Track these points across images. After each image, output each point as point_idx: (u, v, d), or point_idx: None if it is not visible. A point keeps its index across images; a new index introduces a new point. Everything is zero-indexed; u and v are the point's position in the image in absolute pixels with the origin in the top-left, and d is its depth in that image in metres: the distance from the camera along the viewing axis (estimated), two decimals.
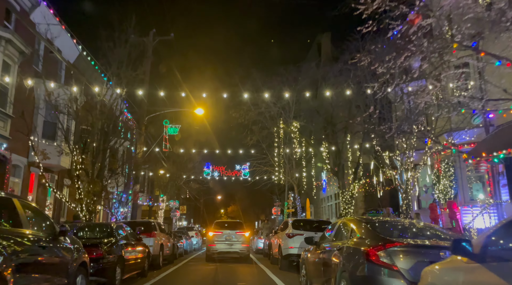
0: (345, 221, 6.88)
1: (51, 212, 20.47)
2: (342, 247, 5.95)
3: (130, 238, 10.73)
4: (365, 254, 5.14)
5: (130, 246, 10.16)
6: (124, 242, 9.91)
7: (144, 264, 11.54)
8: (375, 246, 5.10)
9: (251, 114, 15.81)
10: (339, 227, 6.91)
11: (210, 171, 32.72)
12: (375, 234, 5.52)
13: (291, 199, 30.91)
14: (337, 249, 6.10)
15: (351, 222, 6.42)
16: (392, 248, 4.95)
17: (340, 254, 5.93)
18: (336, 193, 29.34)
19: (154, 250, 14.07)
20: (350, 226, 6.34)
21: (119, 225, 10.27)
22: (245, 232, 17.51)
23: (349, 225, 6.44)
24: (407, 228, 6.02)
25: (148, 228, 14.51)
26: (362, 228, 5.87)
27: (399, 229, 5.90)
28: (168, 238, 16.79)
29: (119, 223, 10.89)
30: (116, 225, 9.98)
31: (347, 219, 6.87)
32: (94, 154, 14.18)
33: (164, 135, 22.48)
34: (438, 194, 15.46)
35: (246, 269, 14.66)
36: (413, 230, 5.95)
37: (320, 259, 6.92)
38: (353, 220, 6.43)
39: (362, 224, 6.00)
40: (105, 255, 8.43)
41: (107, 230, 9.52)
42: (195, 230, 31.50)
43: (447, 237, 5.50)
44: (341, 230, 6.79)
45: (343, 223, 6.86)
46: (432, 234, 5.67)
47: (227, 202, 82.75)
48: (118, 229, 9.97)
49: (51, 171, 19.54)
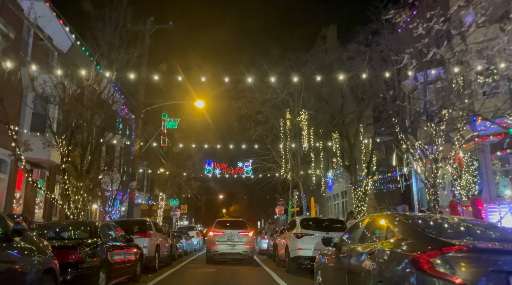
0: (375, 218, 5.57)
1: (41, 211, 19.27)
2: (375, 251, 4.65)
3: (119, 238, 9.46)
4: (413, 261, 3.84)
5: (118, 248, 8.89)
6: (111, 243, 8.64)
7: (136, 268, 10.26)
8: (428, 251, 3.80)
9: (255, 104, 14.51)
10: (367, 225, 5.61)
11: (211, 168, 31.42)
12: (424, 234, 4.22)
13: (295, 197, 29.61)
14: (368, 253, 4.81)
15: (385, 218, 5.11)
16: (451, 253, 3.66)
17: (373, 259, 4.63)
18: (343, 191, 28.04)
19: (149, 252, 12.81)
20: (383, 224, 5.04)
21: (105, 224, 8.99)
22: (248, 232, 16.22)
23: (382, 223, 5.15)
24: (465, 227, 4.68)
25: (142, 227, 13.26)
26: (404, 226, 4.57)
27: (454, 228, 4.59)
28: (165, 238, 15.52)
29: (105, 222, 9.61)
30: (102, 223, 8.70)
31: (377, 215, 5.54)
32: (83, 146, 12.90)
33: (162, 130, 21.22)
34: (460, 190, 14.12)
35: (250, 272, 13.39)
36: (474, 229, 4.62)
37: (343, 265, 5.62)
38: (387, 216, 5.11)
39: (403, 221, 4.70)
40: (86, 258, 7.16)
41: (90, 230, 8.24)
42: (195, 230, 30.22)
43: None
44: (370, 229, 5.49)
45: (372, 220, 5.56)
46: (501, 235, 4.35)
47: (229, 201, 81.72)
48: (104, 228, 8.69)
49: (41, 166, 18.30)
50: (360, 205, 13.56)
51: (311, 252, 11.96)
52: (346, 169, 14.40)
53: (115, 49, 12.80)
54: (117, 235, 9.27)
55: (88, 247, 7.49)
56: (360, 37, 12.40)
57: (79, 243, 7.28)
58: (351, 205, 26.44)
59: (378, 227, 5.25)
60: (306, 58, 13.48)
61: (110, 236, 8.92)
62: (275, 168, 26.64)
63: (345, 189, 27.19)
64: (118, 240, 9.22)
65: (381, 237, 4.93)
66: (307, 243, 12.04)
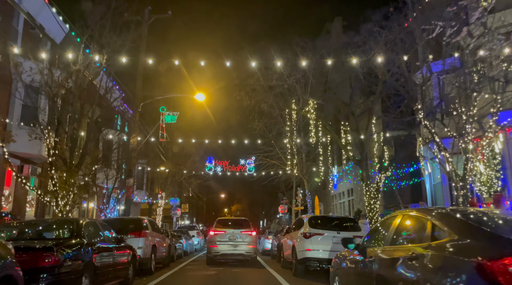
0: (411, 214, 4.50)
1: (33, 210, 18.28)
2: (419, 255, 3.62)
3: (108, 238, 8.45)
4: (481, 269, 2.82)
5: (106, 249, 7.88)
6: (98, 244, 7.63)
7: (128, 271, 9.26)
8: (504, 256, 2.77)
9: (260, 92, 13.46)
10: (400, 223, 4.57)
11: (212, 165, 30.40)
12: (493, 234, 3.20)
13: (299, 195, 28.57)
14: (409, 258, 3.78)
15: (428, 214, 4.06)
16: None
17: (416, 265, 3.61)
18: (349, 189, 26.99)
19: (144, 253, 11.82)
20: (426, 222, 3.99)
21: (90, 223, 7.97)
22: (251, 231, 15.20)
23: (423, 220, 4.10)
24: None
25: (137, 227, 12.25)
26: (461, 223, 3.53)
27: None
28: (163, 238, 14.51)
29: (91, 220, 8.59)
30: (86, 222, 7.68)
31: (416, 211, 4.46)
32: (73, 138, 11.90)
33: (160, 124, 20.22)
34: (480, 186, 13.05)
35: (254, 275, 12.38)
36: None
37: (371, 271, 4.59)
38: (432, 212, 4.05)
39: (458, 217, 3.67)
40: (64, 261, 6.16)
41: (72, 229, 7.23)
42: (196, 229, 29.19)
43: None
44: (406, 228, 4.46)
45: (408, 217, 4.52)
46: None
47: (230, 201, 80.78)
48: (89, 227, 7.68)
49: (32, 162, 17.29)
50: (372, 203, 12.53)
51: (321, 253, 10.94)
52: (357, 164, 13.34)
53: (106, 32, 11.77)
54: (105, 235, 8.27)
55: (69, 248, 6.49)
56: (375, 17, 11.35)
57: (57, 244, 6.27)
58: (358, 204, 25.41)
59: (417, 226, 4.22)
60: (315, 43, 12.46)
61: (97, 236, 7.91)
62: (278, 165, 25.61)
63: (352, 186, 26.14)
64: (106, 241, 8.22)
65: (424, 238, 3.89)
66: (316, 243, 11.01)
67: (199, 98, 20.49)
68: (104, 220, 12.78)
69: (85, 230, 7.39)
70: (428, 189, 17.33)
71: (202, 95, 20.37)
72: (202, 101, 20.67)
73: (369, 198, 12.65)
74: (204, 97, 20.50)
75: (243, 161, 30.65)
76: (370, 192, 12.63)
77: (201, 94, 20.34)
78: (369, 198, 12.65)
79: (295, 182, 31.64)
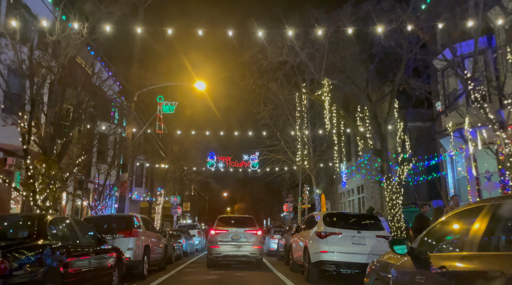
0: None
1: (18, 206, 16.85)
2: None
3: (84, 239, 6.98)
4: None
5: (82, 252, 6.41)
6: (70, 245, 6.15)
7: (112, 277, 7.80)
8: None
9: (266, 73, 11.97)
10: (491, 219, 3.03)
11: (214, 161, 28.89)
12: None
13: (306, 193, 27.04)
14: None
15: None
16: None
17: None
18: (359, 186, 25.44)
19: (134, 255, 10.35)
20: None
21: (59, 219, 6.48)
22: (257, 230, 13.71)
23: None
24: None
25: (127, 225, 10.75)
26: None
27: None
28: (158, 238, 13.03)
29: (61, 217, 7.08)
30: (53, 218, 6.19)
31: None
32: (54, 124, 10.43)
33: (158, 114, 18.74)
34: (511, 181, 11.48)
35: (260, 280, 10.91)
36: None
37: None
38: None
39: None
40: (16, 269, 4.69)
41: (33, 227, 5.75)
42: (197, 228, 27.70)
43: None
44: (504, 226, 2.94)
45: (507, 210, 2.98)
46: None
47: (233, 200, 79.37)
48: (57, 225, 6.20)
49: (17, 154, 15.86)
50: (394, 198, 11.01)
51: (338, 255, 9.43)
52: (377, 154, 11.82)
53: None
54: (80, 235, 6.78)
55: (25, 252, 5.02)
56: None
57: (6, 247, 4.80)
58: (369, 201, 23.86)
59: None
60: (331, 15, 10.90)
61: (68, 235, 6.43)
62: (284, 159, 24.09)
63: (362, 183, 24.58)
64: (82, 241, 6.74)
65: None
66: (333, 244, 9.49)
67: (199, 87, 19.01)
68: (89, 217, 11.34)
69: (52, 228, 5.91)
70: (451, 183, 15.80)
71: (203, 83, 18.88)
72: (203, 90, 19.17)
73: (390, 193, 11.14)
74: (205, 86, 19.00)
75: (247, 156, 29.12)
76: (392, 185, 11.11)
77: (202, 83, 18.85)
78: (390, 193, 11.14)
79: (301, 179, 30.10)
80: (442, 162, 17.55)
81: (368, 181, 21.96)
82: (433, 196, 19.31)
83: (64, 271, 5.65)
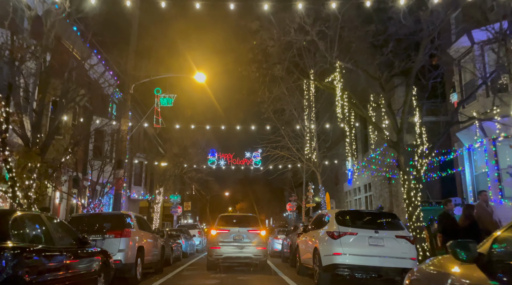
0: None
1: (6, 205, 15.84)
2: None
3: (61, 240, 5.96)
4: None
5: (55, 256, 5.39)
6: (39, 248, 5.14)
7: (96, 283, 6.79)
8: None
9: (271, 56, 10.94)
10: None
11: (215, 159, 27.87)
12: None
13: (311, 191, 26.00)
14: None
15: None
16: None
17: None
18: (367, 184, 24.39)
19: (126, 257, 9.34)
20: None
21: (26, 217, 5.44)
22: (261, 230, 12.70)
23: None
24: None
25: (118, 224, 9.73)
26: None
27: None
28: (154, 238, 12.01)
29: (30, 213, 6.04)
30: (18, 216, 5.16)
31: None
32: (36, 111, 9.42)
33: (155, 108, 17.72)
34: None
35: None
36: None
37: None
38: None
39: None
40: None
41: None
42: (198, 228, 26.66)
43: None
44: None
45: None
46: None
47: (234, 199, 78.32)
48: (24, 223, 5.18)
49: None
50: (412, 195, 9.98)
51: (353, 258, 8.40)
52: (393, 147, 10.79)
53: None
54: (56, 235, 5.77)
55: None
56: None
57: None
58: (377, 200, 22.81)
59: None
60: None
61: (40, 236, 5.41)
62: (288, 156, 23.04)
63: (370, 181, 23.53)
64: (59, 243, 5.73)
65: None
66: (348, 245, 8.46)
67: (199, 79, 17.98)
68: (77, 215, 10.35)
69: (16, 227, 4.89)
70: (468, 180, 14.75)
71: (203, 75, 17.85)
72: (203, 82, 18.14)
73: (407, 189, 10.12)
74: (205, 77, 17.98)
75: (249, 153, 28.08)
76: (409, 181, 10.09)
77: (202, 75, 17.82)
78: (407, 189, 10.12)
79: (305, 177, 29.07)
80: (457, 157, 16.51)
81: (377, 178, 20.90)
82: (446, 194, 18.23)
83: (31, 279, 4.65)
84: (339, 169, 29.91)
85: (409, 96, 10.53)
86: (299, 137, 22.79)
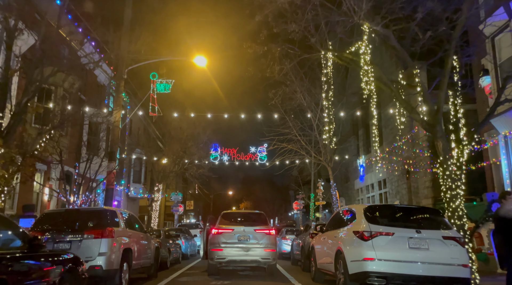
0: None
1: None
2: None
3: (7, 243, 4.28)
4: None
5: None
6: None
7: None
8: None
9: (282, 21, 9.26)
10: None
11: (218, 154, 26.19)
12: None
13: (321, 188, 24.25)
14: None
15: None
16: None
17: None
18: (381, 180, 22.63)
19: (109, 262, 7.71)
20: None
21: None
22: (269, 229, 11.00)
23: None
24: None
25: (100, 222, 8.07)
26: None
27: None
28: (147, 239, 10.35)
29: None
30: None
31: None
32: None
33: (151, 94, 16.04)
34: None
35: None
36: None
37: None
38: None
39: None
40: None
41: None
42: (199, 228, 24.97)
43: None
44: None
45: None
46: None
47: (238, 198, 76.82)
48: None
49: None
50: (454, 187, 8.24)
51: (390, 265, 6.66)
52: (429, 131, 9.05)
53: None
54: None
55: None
56: None
57: None
58: (394, 197, 21.01)
59: None
60: None
61: None
62: (296, 150, 21.32)
63: (385, 177, 21.76)
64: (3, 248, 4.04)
65: None
66: (383, 249, 6.72)
67: (199, 63, 16.29)
68: (49, 212, 8.72)
69: None
70: (505, 172, 12.98)
71: (204, 59, 16.16)
72: (204, 66, 16.45)
73: (447, 180, 8.40)
74: (206, 61, 16.30)
75: (254, 148, 26.37)
76: (449, 170, 8.37)
77: (202, 58, 16.13)
78: (447, 180, 8.40)
79: (313, 174, 27.35)
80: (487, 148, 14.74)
81: (396, 171, 19.10)
82: (476, 190, 16.41)
83: None
84: (350, 165, 28.15)
85: (448, 67, 8.79)
86: (308, 129, 21.06)
